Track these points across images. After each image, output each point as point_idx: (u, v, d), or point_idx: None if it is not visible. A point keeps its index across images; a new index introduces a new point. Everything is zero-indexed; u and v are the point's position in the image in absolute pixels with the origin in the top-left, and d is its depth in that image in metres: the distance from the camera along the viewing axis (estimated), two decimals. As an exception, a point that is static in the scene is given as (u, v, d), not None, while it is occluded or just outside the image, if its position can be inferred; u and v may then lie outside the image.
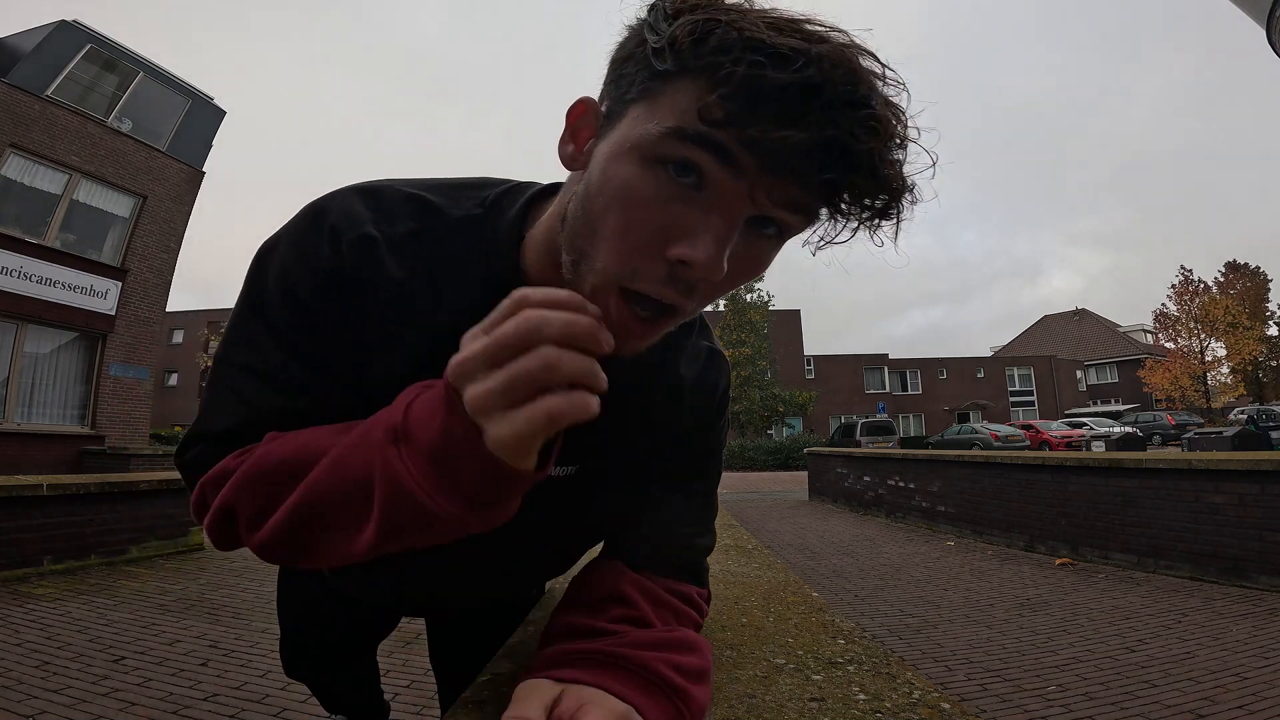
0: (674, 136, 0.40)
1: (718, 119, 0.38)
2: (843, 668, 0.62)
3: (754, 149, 0.38)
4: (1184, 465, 4.14)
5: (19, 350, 10.35)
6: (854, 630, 0.75)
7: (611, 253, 0.43)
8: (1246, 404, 27.05)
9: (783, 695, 0.55)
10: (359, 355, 0.52)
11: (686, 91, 0.39)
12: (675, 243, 0.41)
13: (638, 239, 0.42)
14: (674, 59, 0.39)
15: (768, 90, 0.37)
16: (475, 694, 0.56)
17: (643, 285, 0.43)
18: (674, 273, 0.42)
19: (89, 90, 11.42)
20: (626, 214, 0.42)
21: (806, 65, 0.36)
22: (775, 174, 0.40)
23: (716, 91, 0.38)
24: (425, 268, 0.53)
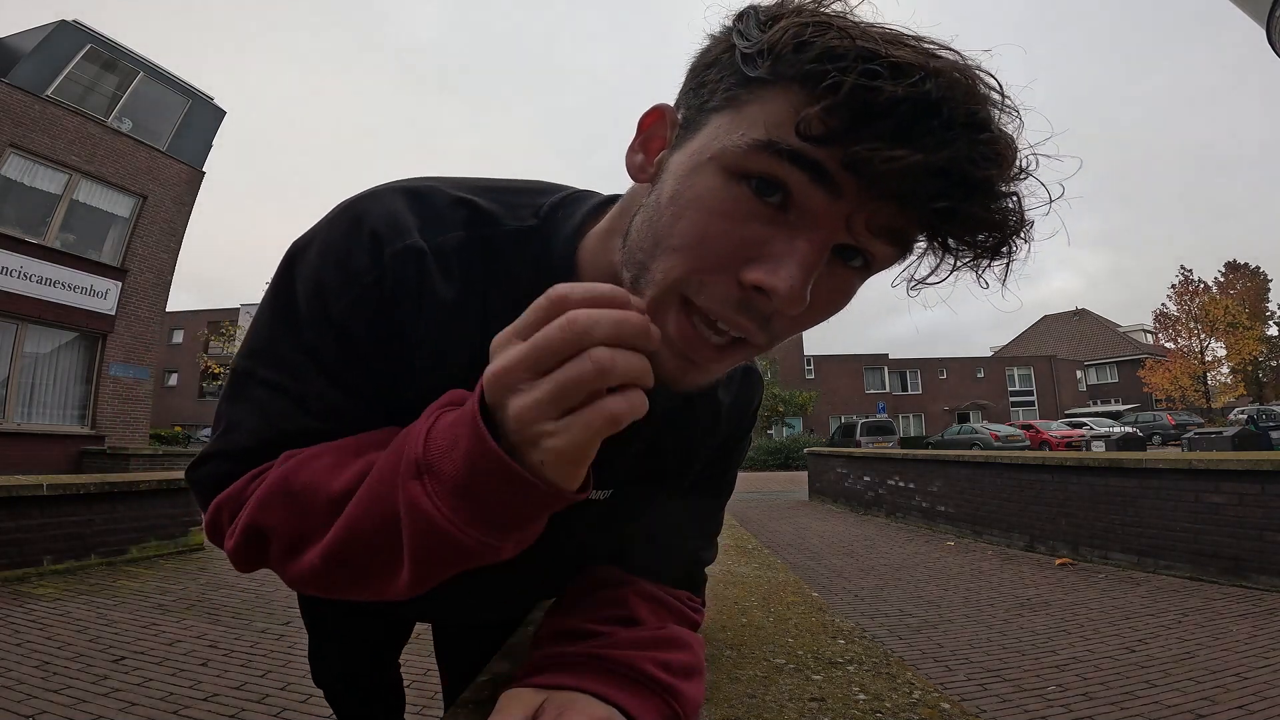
0: (763, 150, 0.35)
1: (817, 134, 0.34)
2: (843, 668, 0.62)
3: (857, 169, 0.34)
4: (1184, 465, 4.14)
5: (19, 350, 10.35)
6: (854, 630, 0.75)
7: (676, 264, 0.39)
8: (1246, 404, 27.05)
9: (783, 695, 0.54)
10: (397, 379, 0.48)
11: (781, 101, 0.35)
12: (753, 265, 0.37)
13: (710, 254, 0.38)
14: (770, 65, 0.35)
15: (880, 105, 0.32)
16: (475, 694, 0.56)
17: (708, 303, 0.39)
18: (748, 300, 0.38)
19: (89, 90, 11.42)
20: (700, 227, 0.38)
21: (924, 80, 0.32)
22: (878, 199, 0.35)
23: (819, 103, 0.33)
24: (476, 287, 0.48)
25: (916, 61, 0.32)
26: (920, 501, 6.78)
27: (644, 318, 0.34)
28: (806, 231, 0.37)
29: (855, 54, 0.33)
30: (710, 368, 0.42)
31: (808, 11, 0.35)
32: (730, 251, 0.37)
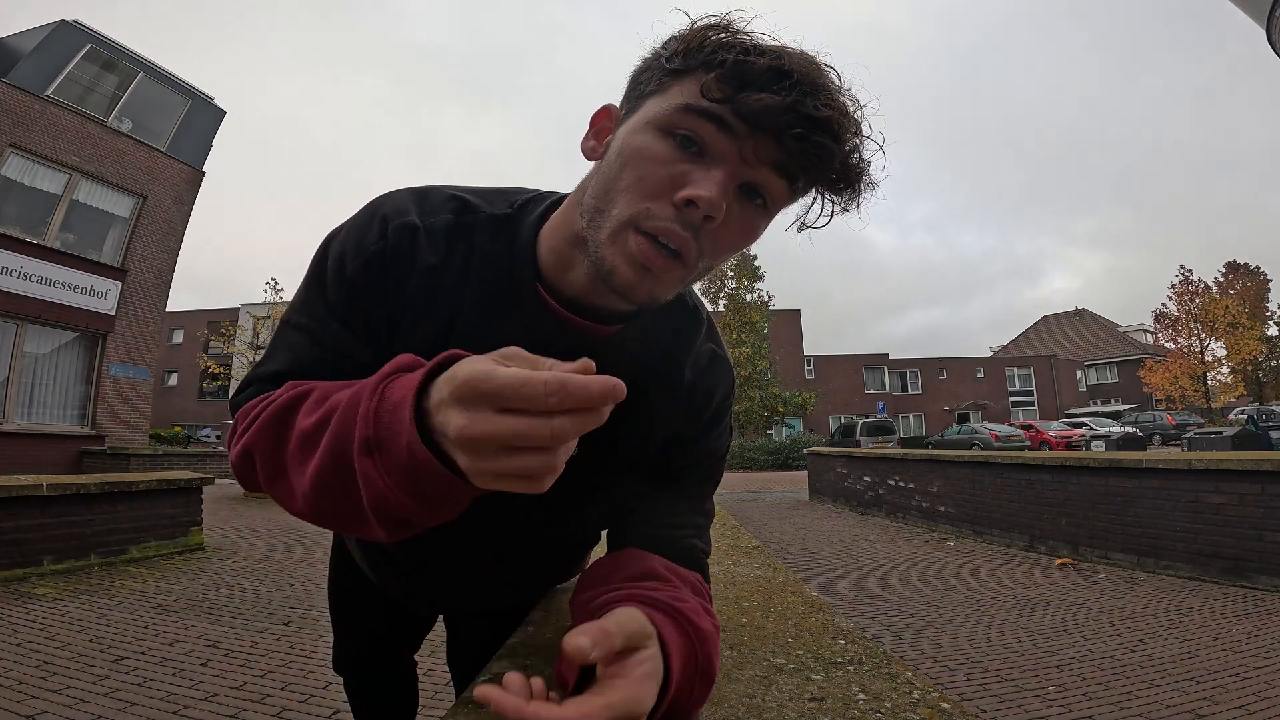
0: (682, 111, 0.50)
1: (715, 96, 0.48)
2: (843, 668, 0.62)
3: (742, 115, 0.48)
4: (1184, 465, 4.14)
5: (19, 350, 10.35)
6: (854, 630, 0.75)
7: (628, 201, 0.51)
8: (1246, 404, 27.04)
9: (783, 695, 0.54)
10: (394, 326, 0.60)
11: (692, 82, 0.50)
12: (683, 189, 0.49)
13: (650, 187, 0.50)
14: (683, 59, 0.50)
15: (753, 72, 0.48)
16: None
17: (654, 225, 0.50)
18: (682, 216, 0.49)
19: (89, 90, 11.42)
20: (641, 169, 0.51)
21: (779, 57, 0.48)
22: (759, 133, 0.49)
23: (713, 74, 0.48)
24: (457, 258, 0.60)
25: (776, 49, 0.49)
26: (920, 501, 6.78)
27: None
28: (718, 164, 0.50)
29: (737, 45, 0.49)
30: (662, 278, 0.51)
31: (708, 26, 0.51)
32: (666, 182, 0.50)
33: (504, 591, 0.87)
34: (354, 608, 1.09)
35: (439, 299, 0.60)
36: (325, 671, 2.40)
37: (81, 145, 10.96)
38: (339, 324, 0.59)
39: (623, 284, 0.51)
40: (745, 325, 28.20)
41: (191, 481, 4.75)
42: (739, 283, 29.48)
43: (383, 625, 1.09)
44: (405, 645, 1.18)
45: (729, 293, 29.64)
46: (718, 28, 0.51)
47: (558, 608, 0.88)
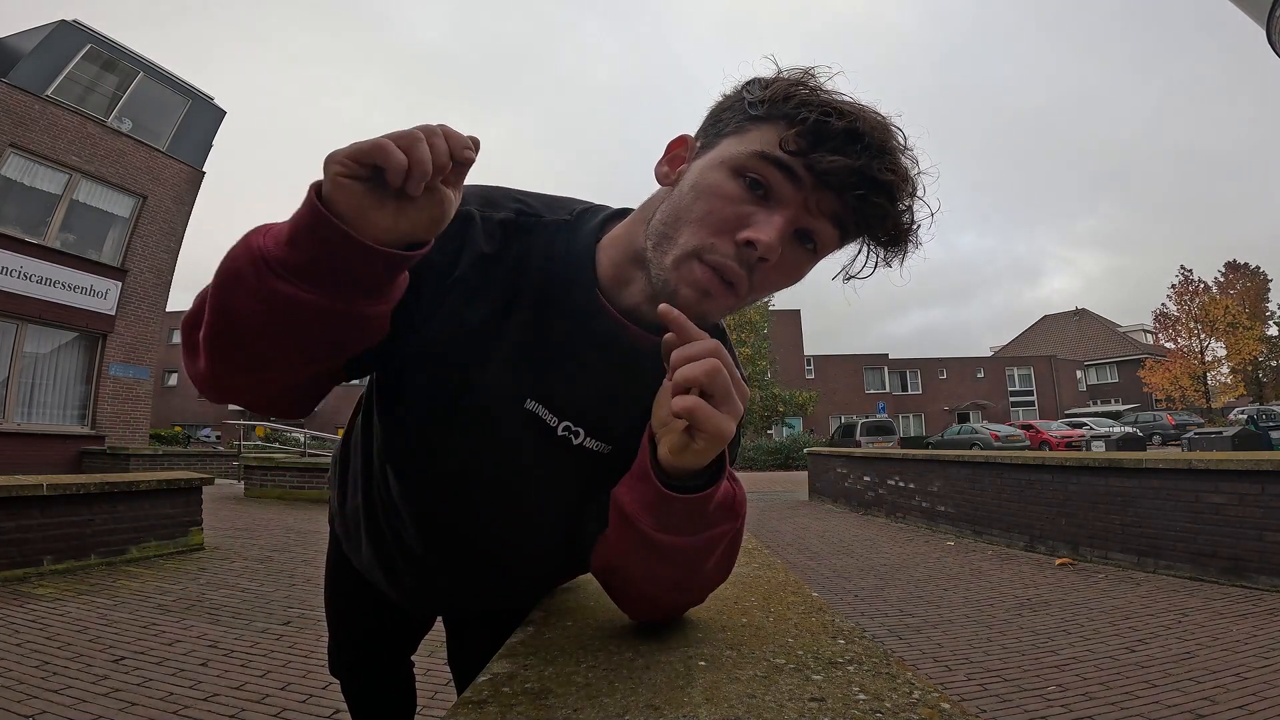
0: (758, 157, 0.55)
1: (791, 149, 0.53)
2: (843, 668, 0.62)
3: (812, 169, 0.53)
4: (1184, 465, 4.14)
5: (19, 350, 10.35)
6: (854, 630, 0.75)
7: (694, 232, 0.56)
8: (1246, 404, 27.05)
9: (783, 695, 0.54)
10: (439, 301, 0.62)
11: (771, 130, 0.55)
12: (745, 229, 0.55)
13: (716, 223, 0.56)
14: (768, 107, 0.55)
15: (830, 132, 0.52)
16: (475, 694, 0.56)
17: (715, 259, 0.55)
18: (741, 253, 0.55)
19: (89, 90, 11.42)
20: (711, 204, 0.56)
21: (855, 120, 0.53)
22: (823, 189, 0.54)
23: (794, 130, 0.53)
24: (511, 252, 0.64)
25: (853, 111, 0.53)
26: (920, 501, 6.78)
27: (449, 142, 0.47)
28: (780, 209, 0.55)
29: (818, 104, 0.53)
30: (718, 300, 0.57)
31: (794, 80, 0.55)
32: (731, 221, 0.55)
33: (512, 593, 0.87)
34: (352, 609, 1.09)
35: (493, 284, 0.63)
36: (325, 672, 2.40)
37: (81, 145, 10.96)
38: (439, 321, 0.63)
39: (683, 305, 0.55)
40: (745, 325, 28.21)
41: (191, 481, 4.75)
42: (739, 283, 29.56)
43: (381, 627, 1.09)
44: (403, 647, 1.18)
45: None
46: (803, 84, 0.55)
47: (558, 608, 0.88)
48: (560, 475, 0.69)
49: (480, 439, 0.67)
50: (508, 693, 0.55)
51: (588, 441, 0.68)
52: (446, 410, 0.66)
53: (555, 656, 0.65)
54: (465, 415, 0.66)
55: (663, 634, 0.72)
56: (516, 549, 0.76)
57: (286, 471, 8.49)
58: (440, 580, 0.82)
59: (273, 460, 9.26)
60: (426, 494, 0.73)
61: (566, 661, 0.63)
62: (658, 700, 0.53)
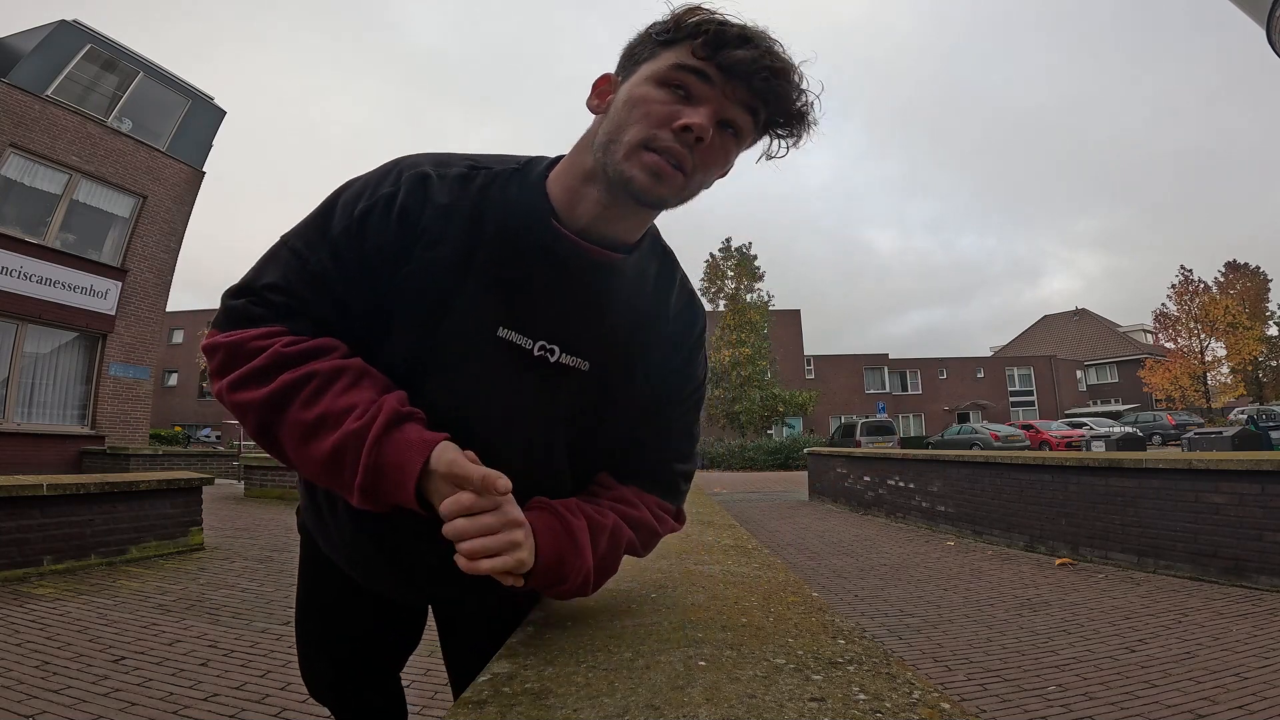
0: (675, 68, 0.66)
1: (700, 55, 0.65)
2: (843, 668, 0.62)
3: (721, 67, 0.65)
4: (1184, 465, 4.14)
5: (19, 350, 10.35)
6: (854, 630, 0.75)
7: (638, 130, 0.66)
8: (1246, 404, 27.04)
9: (783, 695, 0.54)
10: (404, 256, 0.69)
11: (680, 48, 0.67)
12: (679, 119, 0.65)
13: (655, 120, 0.66)
14: (674, 31, 0.67)
15: (727, 37, 0.65)
16: (475, 694, 0.56)
17: (661, 144, 0.65)
18: (681, 137, 0.65)
19: (89, 90, 11.41)
20: (646, 108, 0.66)
21: (744, 28, 0.66)
22: (732, 80, 0.65)
23: (699, 39, 0.65)
24: (468, 199, 0.71)
25: (743, 23, 0.66)
26: (920, 501, 6.78)
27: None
28: (703, 104, 0.66)
29: (714, 19, 0.66)
30: (669, 181, 0.66)
31: (690, 7, 0.67)
32: (666, 116, 0.66)
33: None
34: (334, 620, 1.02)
35: (453, 230, 0.70)
36: (325, 671, 2.40)
37: (81, 145, 10.95)
38: (329, 256, 0.69)
39: (640, 188, 0.66)
40: (745, 325, 28.19)
41: (191, 481, 4.75)
42: (739, 283, 29.48)
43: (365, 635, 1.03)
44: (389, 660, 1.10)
45: (729, 292, 29.64)
46: (697, 9, 0.67)
47: (558, 608, 0.88)
48: (546, 397, 0.74)
49: (463, 374, 0.71)
50: (508, 693, 0.55)
51: (564, 358, 0.73)
52: (429, 349, 0.71)
53: (555, 656, 0.65)
54: (445, 353, 0.71)
55: (663, 634, 0.72)
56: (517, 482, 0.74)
57: (286, 471, 8.48)
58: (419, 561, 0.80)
59: (273, 460, 9.25)
60: None
61: (566, 661, 0.63)
62: (658, 700, 0.53)
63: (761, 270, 29.90)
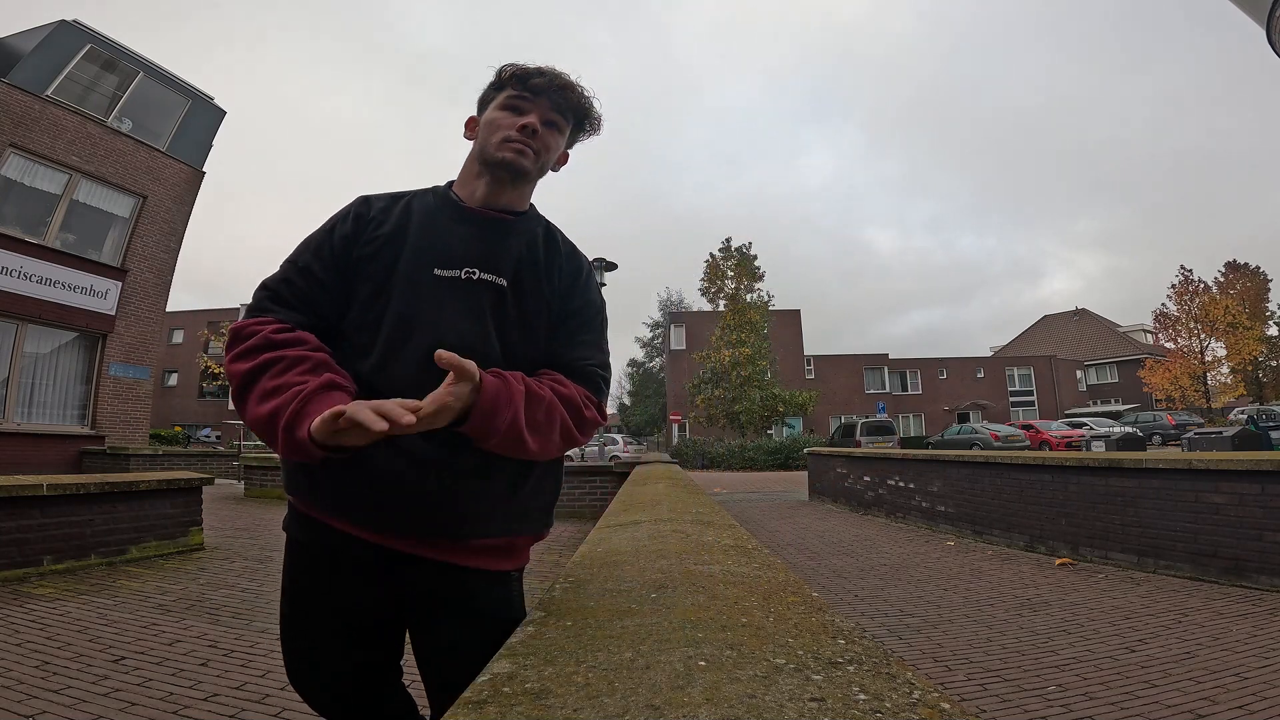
0: (507, 98, 1.09)
1: (516, 89, 1.08)
2: (843, 668, 0.62)
3: (530, 90, 1.08)
4: (1184, 465, 4.14)
5: (19, 350, 10.35)
6: (854, 630, 0.75)
7: (499, 134, 1.07)
8: (1246, 404, 27.03)
9: (783, 695, 0.54)
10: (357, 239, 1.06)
11: (507, 89, 1.09)
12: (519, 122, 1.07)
13: (506, 126, 1.07)
14: (500, 81, 1.11)
15: (529, 73, 1.08)
16: (475, 694, 0.56)
17: (513, 136, 1.06)
18: (523, 132, 1.06)
19: (89, 90, 11.41)
20: (500, 121, 1.08)
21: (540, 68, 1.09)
22: (538, 95, 1.08)
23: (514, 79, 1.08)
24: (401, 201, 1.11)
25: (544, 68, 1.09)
26: (920, 501, 6.78)
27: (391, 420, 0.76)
28: (530, 113, 1.07)
29: (520, 67, 1.09)
30: (526, 158, 1.07)
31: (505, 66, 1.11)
32: (511, 123, 1.07)
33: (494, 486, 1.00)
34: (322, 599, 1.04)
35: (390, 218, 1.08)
36: (325, 671, 2.40)
37: (81, 145, 10.95)
38: (311, 255, 1.04)
39: (509, 162, 1.06)
40: (745, 325, 28.17)
41: (191, 481, 4.75)
42: (739, 283, 29.46)
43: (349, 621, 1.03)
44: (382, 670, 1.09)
45: (729, 292, 29.62)
46: (511, 66, 1.10)
47: (558, 608, 0.88)
48: (474, 304, 1.03)
49: (412, 301, 1.01)
50: (508, 693, 0.55)
51: (483, 275, 1.04)
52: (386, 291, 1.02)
53: (555, 656, 0.65)
54: (398, 291, 1.02)
55: (663, 634, 0.72)
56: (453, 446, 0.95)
57: (286, 471, 8.47)
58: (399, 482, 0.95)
59: (273, 460, 9.25)
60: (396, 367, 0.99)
61: (566, 661, 0.63)
62: (658, 700, 0.53)
63: (761, 270, 29.87)
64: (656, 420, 47.55)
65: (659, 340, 51.29)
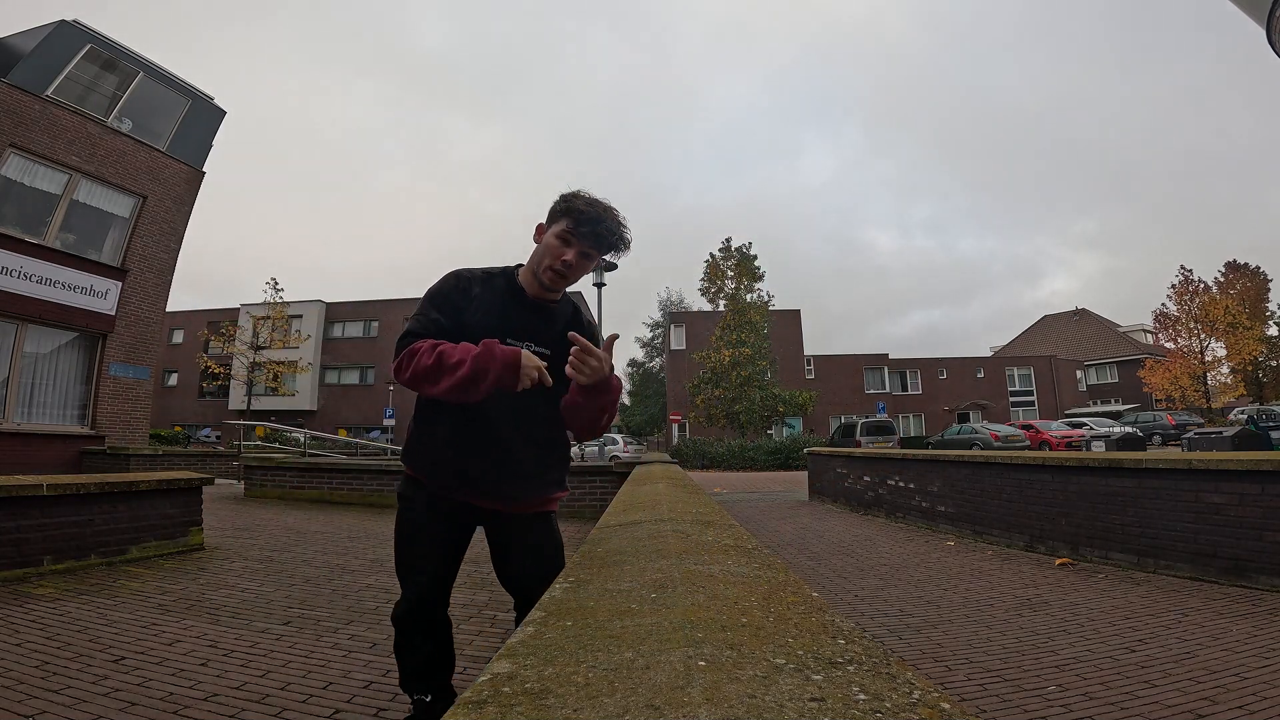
0: (562, 229, 1.65)
1: (570, 228, 1.65)
2: (843, 668, 0.62)
3: (578, 229, 1.64)
4: (1184, 465, 4.13)
5: (19, 350, 10.35)
6: (854, 630, 0.75)
7: (548, 260, 1.67)
8: (1246, 404, 27.04)
9: (783, 695, 0.54)
10: (461, 312, 1.65)
11: (565, 218, 1.66)
12: (561, 257, 1.66)
13: (553, 256, 1.66)
14: (560, 211, 1.68)
15: (583, 213, 1.64)
16: (475, 694, 0.56)
17: (555, 266, 1.66)
18: (563, 264, 1.65)
19: (89, 90, 11.41)
20: (553, 250, 1.66)
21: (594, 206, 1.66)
22: (585, 237, 1.65)
23: (570, 218, 1.65)
24: (488, 284, 1.71)
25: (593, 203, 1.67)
26: (920, 501, 6.78)
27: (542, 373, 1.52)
28: (572, 247, 1.66)
29: (577, 205, 1.66)
30: (560, 285, 1.71)
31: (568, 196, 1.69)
32: (558, 254, 1.66)
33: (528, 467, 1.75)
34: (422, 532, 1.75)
35: (485, 297, 1.68)
36: (325, 671, 2.40)
37: (81, 145, 10.95)
38: (435, 310, 1.64)
39: (548, 284, 1.68)
40: (745, 325, 28.16)
41: (191, 481, 4.75)
42: (739, 283, 29.45)
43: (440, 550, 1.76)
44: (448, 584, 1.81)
45: (729, 293, 29.62)
46: (571, 197, 1.66)
47: (558, 608, 0.89)
48: None
49: None
50: (508, 693, 0.55)
51: (537, 349, 1.67)
52: None
53: (555, 656, 0.65)
54: None
55: (663, 634, 0.72)
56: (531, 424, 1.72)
57: (286, 471, 8.49)
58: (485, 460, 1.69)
59: (273, 460, 9.26)
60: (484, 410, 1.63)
61: (566, 661, 0.63)
62: (658, 700, 0.53)
63: (761, 270, 29.86)
64: (656, 420, 47.55)
65: (659, 340, 51.28)
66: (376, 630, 2.89)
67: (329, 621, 3.03)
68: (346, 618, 3.09)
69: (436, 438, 1.69)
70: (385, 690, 2.24)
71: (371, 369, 37.11)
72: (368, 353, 37.38)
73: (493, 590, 3.64)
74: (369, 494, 7.87)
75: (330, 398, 37.00)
